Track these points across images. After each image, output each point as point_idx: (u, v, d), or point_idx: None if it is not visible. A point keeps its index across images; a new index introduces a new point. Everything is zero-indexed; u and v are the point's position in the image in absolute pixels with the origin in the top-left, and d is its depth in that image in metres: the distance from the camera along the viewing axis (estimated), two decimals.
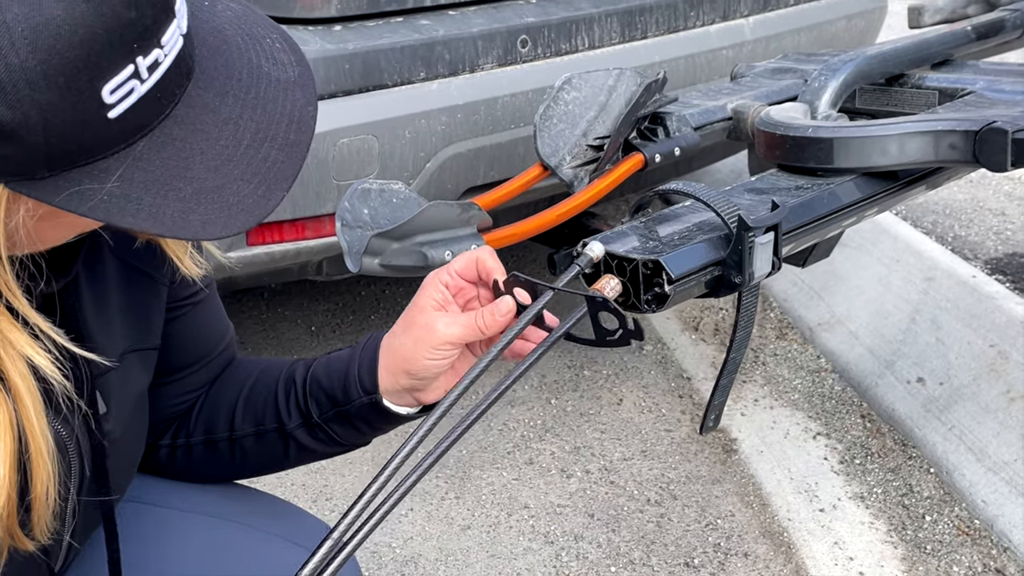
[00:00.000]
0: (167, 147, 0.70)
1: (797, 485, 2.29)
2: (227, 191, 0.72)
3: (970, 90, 1.61)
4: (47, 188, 0.67)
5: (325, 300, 3.13)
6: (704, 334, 2.91)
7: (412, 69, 2.02)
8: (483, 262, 0.99)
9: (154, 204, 0.69)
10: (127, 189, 0.69)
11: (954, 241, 3.18)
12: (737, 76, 1.91)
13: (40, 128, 0.65)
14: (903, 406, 2.44)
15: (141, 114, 0.69)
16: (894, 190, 1.35)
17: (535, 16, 2.18)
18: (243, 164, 0.73)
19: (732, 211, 1.04)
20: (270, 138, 0.74)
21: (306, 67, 0.80)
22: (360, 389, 1.02)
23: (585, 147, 1.53)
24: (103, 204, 0.68)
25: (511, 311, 0.96)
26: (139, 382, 1.01)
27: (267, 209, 0.73)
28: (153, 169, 0.70)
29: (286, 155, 0.75)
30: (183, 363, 1.10)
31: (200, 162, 0.71)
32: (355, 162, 1.98)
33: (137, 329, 0.98)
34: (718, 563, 2.08)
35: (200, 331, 1.11)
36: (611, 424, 2.53)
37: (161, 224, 0.69)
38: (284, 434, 1.07)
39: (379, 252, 1.27)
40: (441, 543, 2.15)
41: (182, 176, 0.71)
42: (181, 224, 0.70)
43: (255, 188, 0.73)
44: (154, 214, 0.69)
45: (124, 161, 0.69)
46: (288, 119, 0.76)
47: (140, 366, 1.00)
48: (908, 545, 2.10)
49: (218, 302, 1.14)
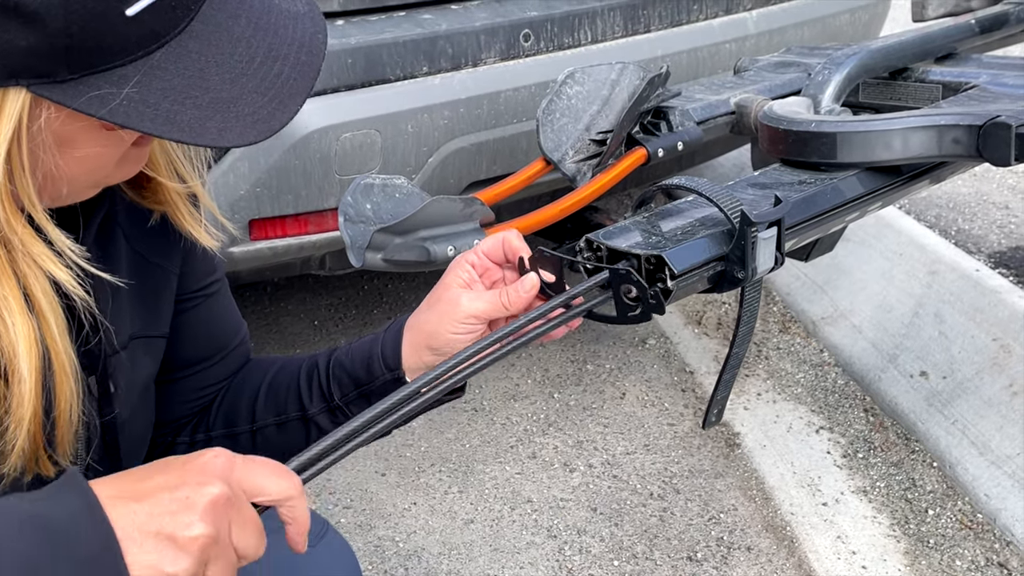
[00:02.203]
0: (183, 59, 0.73)
1: (800, 479, 2.29)
2: (242, 102, 0.74)
3: (974, 84, 1.60)
4: (68, 91, 0.71)
5: (328, 295, 3.13)
6: (707, 328, 2.91)
7: (415, 64, 2.02)
8: (509, 243, 1.01)
9: (171, 110, 0.72)
10: (145, 95, 0.71)
11: (958, 235, 3.18)
12: (740, 70, 1.91)
13: (61, 13, 0.68)
14: (906, 400, 2.44)
15: (157, 20, 0.72)
16: (898, 185, 1.34)
17: (538, 10, 2.17)
18: (257, 79, 0.75)
19: (735, 206, 1.04)
20: (282, 57, 0.77)
21: (314, 5, 0.83)
22: (383, 366, 1.03)
23: (588, 141, 1.53)
24: (121, 108, 0.71)
25: (535, 287, 0.98)
26: (146, 369, 1.01)
27: (282, 122, 0.75)
28: (170, 78, 0.72)
29: (298, 73, 0.77)
30: (198, 356, 1.10)
31: (215, 74, 0.74)
32: (358, 157, 1.98)
33: (145, 316, 0.99)
34: (721, 557, 2.08)
35: (214, 323, 1.11)
36: (614, 418, 2.53)
37: (178, 129, 0.72)
38: (306, 420, 1.08)
39: (382, 247, 1.27)
40: (444, 537, 2.15)
41: (198, 86, 0.73)
42: (198, 131, 0.72)
43: (269, 101, 0.75)
44: (171, 120, 0.72)
45: (141, 69, 0.72)
46: (299, 44, 0.78)
47: (147, 353, 1.01)
48: (911, 539, 2.10)
49: (231, 298, 1.14)
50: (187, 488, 0.70)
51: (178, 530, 0.69)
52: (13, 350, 0.76)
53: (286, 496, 0.75)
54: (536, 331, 0.94)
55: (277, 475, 0.75)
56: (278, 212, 1.99)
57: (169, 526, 0.69)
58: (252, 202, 1.98)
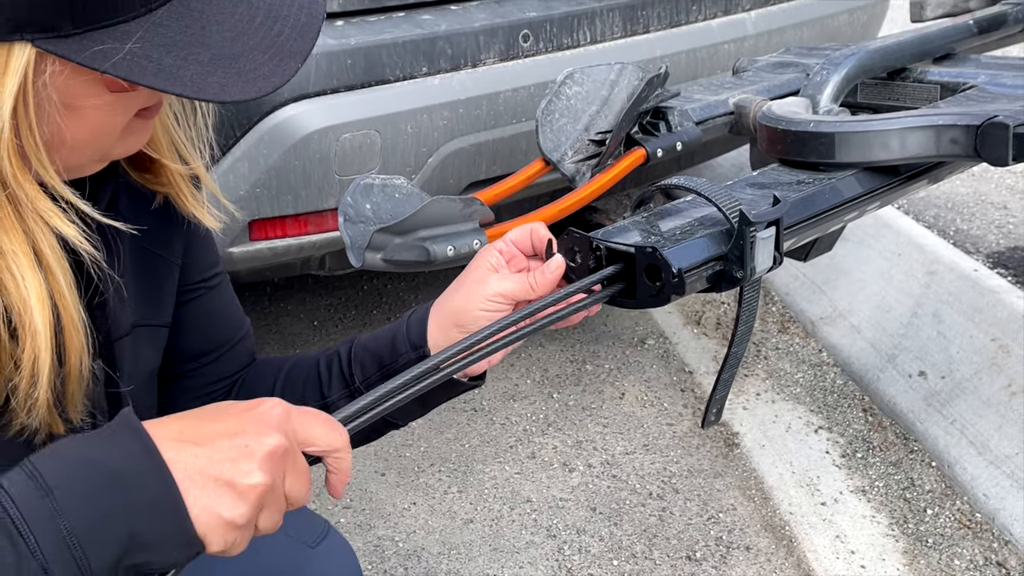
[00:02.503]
0: (185, 16, 0.75)
1: (799, 479, 2.30)
2: (243, 59, 0.75)
3: (972, 84, 1.60)
4: (72, 46, 0.72)
5: (328, 295, 3.14)
6: (706, 328, 2.91)
7: (414, 64, 2.02)
8: (537, 232, 1.04)
9: (173, 66, 0.73)
10: (148, 50, 0.73)
11: (956, 235, 3.19)
12: (739, 70, 1.91)
13: None
14: (905, 400, 2.44)
15: None
16: (896, 184, 1.35)
17: (537, 11, 2.18)
18: (257, 37, 0.76)
19: (734, 206, 1.04)
20: (282, 18, 0.78)
21: None
22: (408, 344, 1.04)
23: (587, 142, 1.53)
24: (124, 62, 0.72)
25: (560, 268, 1.01)
26: (149, 358, 1.02)
27: (282, 79, 0.76)
28: (172, 34, 0.74)
29: (298, 34, 0.78)
30: (201, 348, 1.10)
31: (216, 32, 0.75)
32: (357, 157, 1.98)
33: (147, 305, 1.00)
34: (720, 556, 2.08)
35: (216, 316, 1.12)
36: (613, 418, 2.54)
37: (180, 84, 0.73)
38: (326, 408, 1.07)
39: (381, 247, 1.27)
40: (444, 537, 2.15)
41: (200, 43, 0.75)
42: (200, 85, 0.74)
43: (269, 59, 0.76)
44: (174, 75, 0.73)
45: (144, 25, 0.73)
46: (299, 5, 0.80)
47: (150, 342, 1.02)
48: (909, 538, 2.10)
49: (232, 293, 1.15)
50: (247, 436, 0.72)
51: (237, 477, 0.70)
52: (24, 305, 0.77)
53: (335, 447, 0.78)
54: (558, 313, 0.96)
55: (328, 427, 0.78)
56: (278, 212, 2.00)
57: (229, 472, 0.70)
58: (252, 202, 1.98)
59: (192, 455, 0.70)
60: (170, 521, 0.69)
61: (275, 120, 1.92)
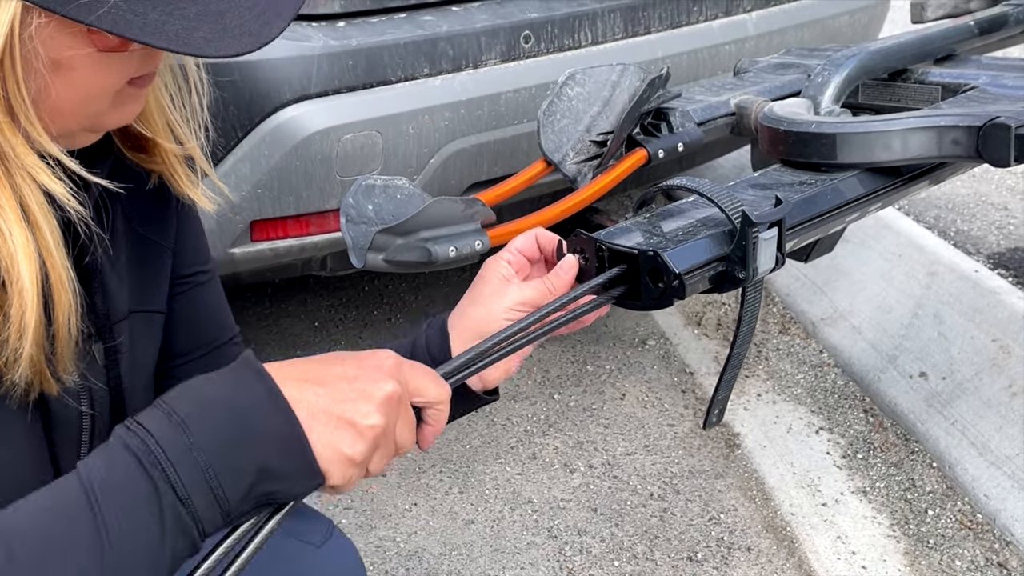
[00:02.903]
0: None
1: (800, 480, 2.30)
2: (229, 16, 0.76)
3: (973, 85, 1.60)
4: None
5: (329, 296, 3.14)
6: (707, 329, 2.91)
7: (416, 65, 2.02)
8: (542, 235, 1.07)
9: (159, 20, 0.73)
10: (133, 5, 0.73)
11: (956, 236, 3.19)
12: (740, 71, 1.91)
13: None
14: (905, 401, 2.44)
15: None
16: (897, 185, 1.35)
17: (538, 12, 2.18)
18: None
19: (736, 207, 1.05)
20: None
21: None
22: (429, 357, 1.04)
23: (588, 143, 1.53)
24: (109, 15, 0.72)
25: (574, 268, 1.03)
26: (146, 345, 1.02)
27: (268, 36, 0.77)
28: None
29: None
30: (187, 346, 1.10)
31: None
32: (359, 158, 1.98)
33: (142, 291, 1.00)
34: (721, 557, 2.08)
35: (204, 314, 1.12)
36: (614, 419, 2.54)
37: (165, 38, 0.73)
38: None
39: (383, 248, 1.27)
40: (445, 538, 2.15)
41: None
42: (185, 40, 0.74)
43: (256, 17, 0.77)
44: (159, 29, 0.73)
45: None
46: None
47: (146, 328, 1.02)
48: (910, 539, 2.10)
49: (223, 297, 1.15)
50: (365, 381, 0.77)
51: (357, 417, 0.76)
52: (12, 260, 0.77)
53: (439, 400, 0.84)
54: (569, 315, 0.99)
55: (434, 382, 0.84)
56: (279, 213, 2.00)
57: (349, 412, 0.76)
58: (253, 203, 1.98)
59: (315, 395, 0.75)
60: (296, 455, 0.74)
61: (277, 121, 1.93)
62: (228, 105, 1.91)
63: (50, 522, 0.69)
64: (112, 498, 0.69)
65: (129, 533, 0.69)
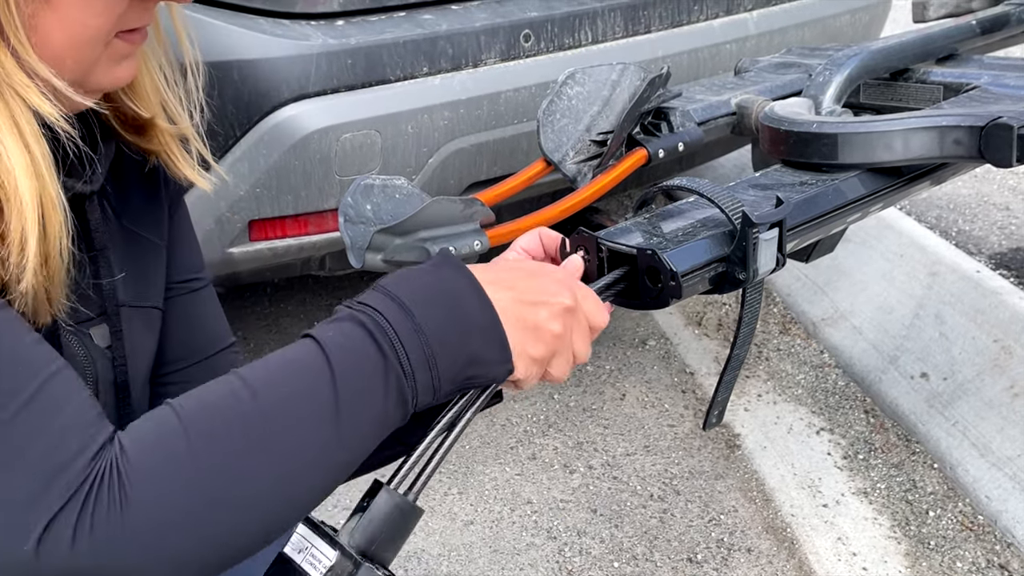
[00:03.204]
0: None
1: (800, 480, 2.29)
2: None
3: (975, 85, 1.60)
4: None
5: (327, 295, 3.13)
6: (707, 329, 2.91)
7: (415, 64, 2.02)
8: (546, 234, 1.08)
9: None
10: None
11: (958, 236, 3.18)
12: (741, 71, 1.90)
13: None
14: (907, 401, 2.43)
15: None
16: (899, 186, 1.34)
17: (538, 11, 2.17)
18: None
19: (736, 207, 1.04)
20: None
21: None
22: None
23: (588, 142, 1.53)
24: None
25: (580, 268, 1.04)
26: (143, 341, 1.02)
27: None
28: None
29: None
30: (180, 353, 1.09)
31: None
32: (358, 157, 1.97)
33: (136, 287, 1.00)
34: (721, 559, 2.08)
35: (198, 321, 1.11)
36: (614, 419, 2.53)
37: None
38: None
39: (382, 248, 1.26)
40: (444, 538, 2.15)
41: None
42: None
43: None
44: None
45: None
46: None
47: (144, 324, 1.01)
48: (911, 541, 2.10)
49: (218, 306, 1.14)
50: (546, 292, 0.86)
51: (540, 322, 0.84)
52: (9, 174, 0.77)
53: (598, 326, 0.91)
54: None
55: (600, 307, 0.92)
56: (278, 213, 1.99)
57: (533, 317, 0.84)
58: (252, 203, 1.97)
59: (507, 297, 0.83)
60: (496, 346, 0.82)
61: (275, 120, 1.92)
62: (227, 104, 1.90)
63: (292, 373, 0.76)
64: (347, 361, 0.76)
65: (360, 393, 0.76)
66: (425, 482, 0.86)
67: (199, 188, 1.04)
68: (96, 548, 0.68)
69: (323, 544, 0.83)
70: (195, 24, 0.98)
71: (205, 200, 1.93)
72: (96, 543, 0.68)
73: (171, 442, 0.72)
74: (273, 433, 0.73)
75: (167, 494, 0.70)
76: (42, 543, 0.67)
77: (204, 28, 1.87)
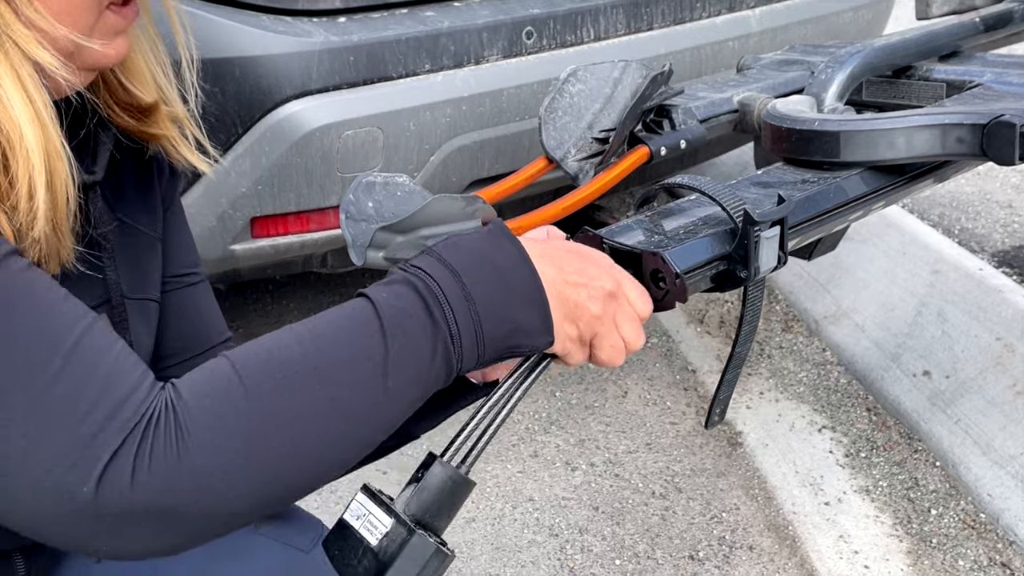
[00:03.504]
0: None
1: (802, 478, 2.29)
2: None
3: (978, 82, 1.59)
4: None
5: (329, 292, 3.13)
6: (709, 327, 2.91)
7: (417, 61, 2.01)
8: (553, 232, 1.09)
9: None
10: None
11: (961, 234, 3.17)
12: (743, 68, 1.90)
13: None
14: (909, 399, 2.43)
15: None
16: (901, 183, 1.34)
17: (540, 8, 2.17)
18: None
19: (738, 205, 1.04)
20: None
21: None
22: None
23: (590, 140, 1.52)
24: None
25: None
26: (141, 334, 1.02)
27: None
28: None
29: None
30: (180, 344, 1.10)
31: None
32: (359, 155, 1.97)
33: (133, 279, 1.01)
34: (723, 556, 2.08)
35: (194, 315, 1.11)
36: (616, 417, 2.53)
37: None
38: None
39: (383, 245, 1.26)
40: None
41: None
42: None
43: None
44: None
45: None
46: None
47: (141, 316, 1.02)
48: (913, 538, 2.09)
49: (214, 301, 1.15)
50: (588, 275, 0.88)
51: (581, 301, 0.87)
52: (13, 124, 0.78)
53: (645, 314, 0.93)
54: None
55: (644, 296, 0.93)
56: (280, 210, 1.99)
57: (574, 296, 0.87)
58: (254, 200, 1.98)
59: (553, 272, 0.86)
60: (540, 316, 0.84)
61: (277, 117, 1.92)
62: (229, 101, 1.90)
63: (346, 329, 0.79)
64: (397, 321, 0.79)
65: (408, 350, 0.78)
66: (478, 455, 0.90)
67: (201, 185, 1.04)
68: (154, 484, 0.70)
69: (380, 511, 0.87)
70: (197, 20, 0.99)
71: (207, 197, 1.94)
72: (154, 479, 0.70)
73: (227, 388, 0.74)
74: (325, 386, 0.76)
75: (223, 436, 0.72)
76: (102, 481, 0.69)
77: (206, 24, 1.87)
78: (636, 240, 1.05)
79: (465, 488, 0.92)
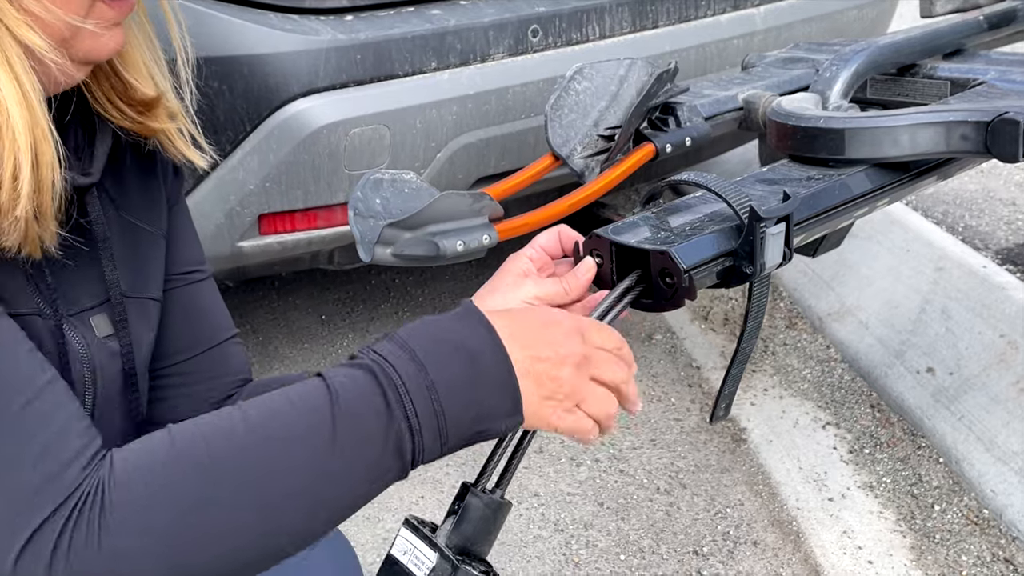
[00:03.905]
0: None
1: (806, 474, 2.30)
2: None
3: (982, 80, 1.60)
4: None
5: (336, 289, 3.14)
6: (714, 323, 2.91)
7: (423, 59, 2.02)
8: (565, 233, 1.09)
9: None
10: None
11: (964, 231, 3.18)
12: (748, 66, 1.90)
13: None
14: (912, 396, 2.44)
15: None
16: (905, 181, 1.34)
17: (546, 6, 2.18)
18: None
19: (743, 202, 1.05)
20: None
21: None
22: None
23: (596, 137, 1.53)
24: None
25: (591, 270, 1.05)
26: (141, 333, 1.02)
27: None
28: None
29: None
30: (186, 342, 1.09)
31: None
32: (367, 152, 1.98)
33: (135, 277, 1.00)
34: (727, 552, 2.09)
35: (201, 310, 1.11)
36: (620, 413, 2.54)
37: None
38: None
39: (391, 242, 1.27)
40: None
41: None
42: None
43: None
44: None
45: None
46: None
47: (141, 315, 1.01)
48: (917, 534, 2.10)
49: (219, 299, 1.14)
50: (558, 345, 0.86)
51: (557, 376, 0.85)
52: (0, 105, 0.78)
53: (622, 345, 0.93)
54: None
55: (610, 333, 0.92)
56: (287, 207, 2.00)
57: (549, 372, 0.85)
58: (262, 197, 1.99)
59: (522, 355, 0.83)
60: (509, 399, 0.82)
61: (285, 115, 1.93)
62: (236, 99, 1.91)
63: (294, 410, 0.77)
64: (350, 407, 0.77)
65: (358, 442, 0.76)
66: (511, 476, 0.91)
67: (209, 182, 1.05)
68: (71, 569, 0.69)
69: (424, 546, 0.88)
70: (205, 19, 0.99)
71: (215, 194, 1.95)
72: (72, 567, 0.69)
73: (159, 470, 0.73)
74: (262, 470, 0.74)
75: (148, 524, 0.71)
76: (23, 554, 0.68)
77: (213, 23, 1.89)
78: (642, 237, 1.06)
79: (503, 510, 0.91)
